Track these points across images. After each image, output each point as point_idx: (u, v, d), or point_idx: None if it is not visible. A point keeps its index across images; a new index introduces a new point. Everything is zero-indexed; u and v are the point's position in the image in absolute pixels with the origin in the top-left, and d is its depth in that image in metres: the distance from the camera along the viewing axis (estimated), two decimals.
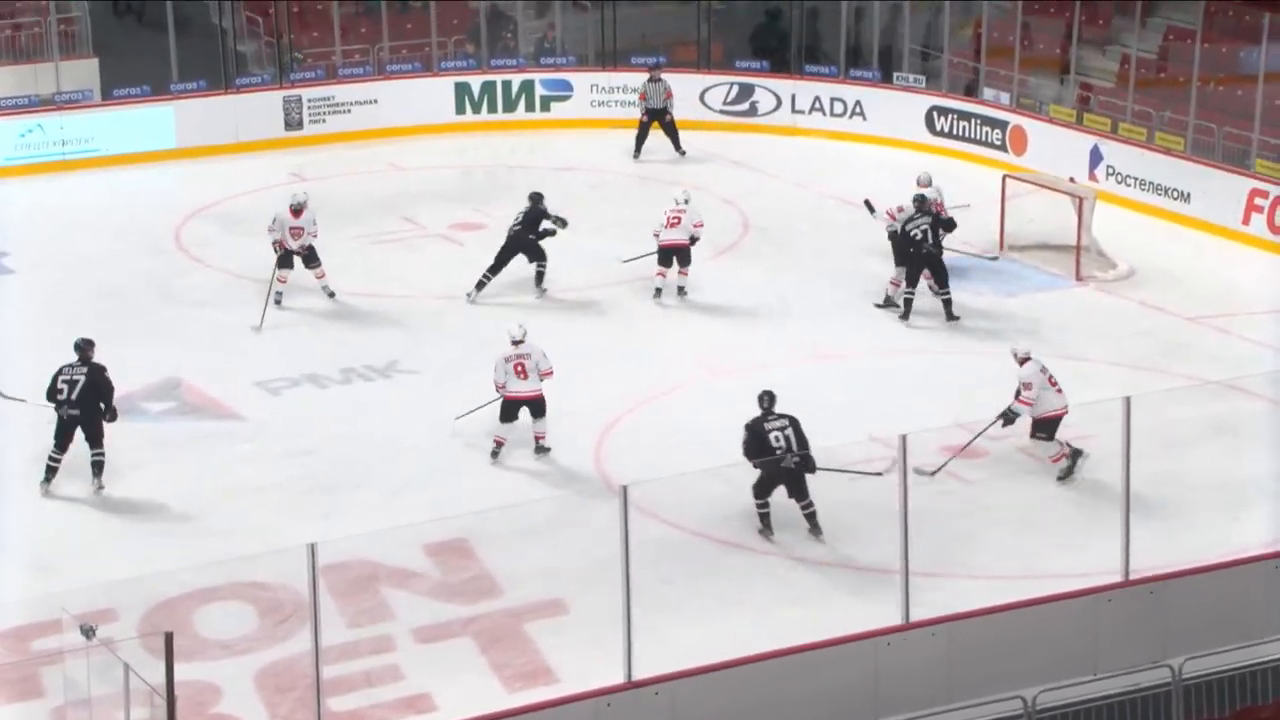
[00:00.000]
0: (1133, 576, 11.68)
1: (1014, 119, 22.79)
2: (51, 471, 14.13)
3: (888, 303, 18.26)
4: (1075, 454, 14.32)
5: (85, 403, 14.02)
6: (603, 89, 24.63)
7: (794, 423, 13.44)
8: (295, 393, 16.32)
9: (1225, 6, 22.61)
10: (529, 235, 18.48)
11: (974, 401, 15.32)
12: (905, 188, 19.01)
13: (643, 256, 18.53)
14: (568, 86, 24.84)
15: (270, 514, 13.88)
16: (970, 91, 23.71)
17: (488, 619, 12.32)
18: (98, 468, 14.12)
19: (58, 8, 23.79)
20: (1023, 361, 14.53)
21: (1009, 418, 14.36)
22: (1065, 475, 14.31)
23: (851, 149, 23.63)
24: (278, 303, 17.99)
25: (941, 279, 17.86)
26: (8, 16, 24.36)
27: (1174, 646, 11.37)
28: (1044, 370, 14.47)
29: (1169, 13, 23.43)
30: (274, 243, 18.19)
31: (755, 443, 13.39)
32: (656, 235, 18.55)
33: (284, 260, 18.07)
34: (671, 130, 23.35)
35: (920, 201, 18.15)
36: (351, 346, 17.25)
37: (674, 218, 18.60)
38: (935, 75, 24.00)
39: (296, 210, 18.15)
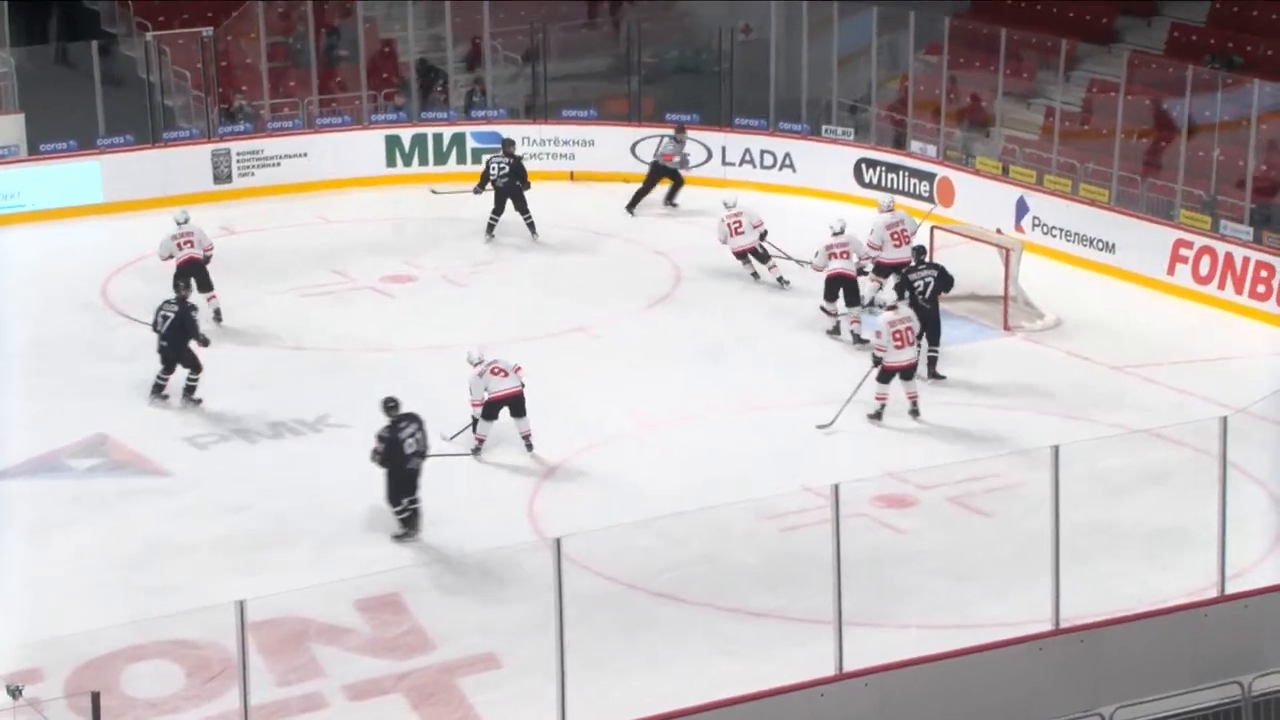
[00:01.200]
0: (1064, 625, 11.73)
1: (941, 171, 23.05)
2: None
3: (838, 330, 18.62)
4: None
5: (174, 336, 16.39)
6: (534, 141, 24.69)
7: (418, 422, 14.46)
8: (224, 448, 16.17)
9: (1148, 59, 23.01)
10: (517, 184, 21.44)
11: (905, 450, 15.37)
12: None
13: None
14: (499, 139, 24.90)
15: (199, 571, 13.71)
16: (898, 144, 23.96)
17: (420, 674, 12.21)
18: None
19: None
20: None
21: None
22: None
23: (782, 200, 23.79)
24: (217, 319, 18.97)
25: (935, 335, 17.77)
26: None
27: (1106, 694, 11.42)
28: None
29: (1092, 66, 23.81)
30: (173, 259, 18.95)
31: (389, 450, 14.20)
32: (724, 242, 19.71)
33: (187, 279, 18.34)
34: (679, 185, 23.63)
35: (920, 252, 18.23)
36: (281, 401, 17.12)
37: (735, 223, 19.59)
38: (864, 128, 24.24)
39: (181, 221, 19.12)
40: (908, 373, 16.66)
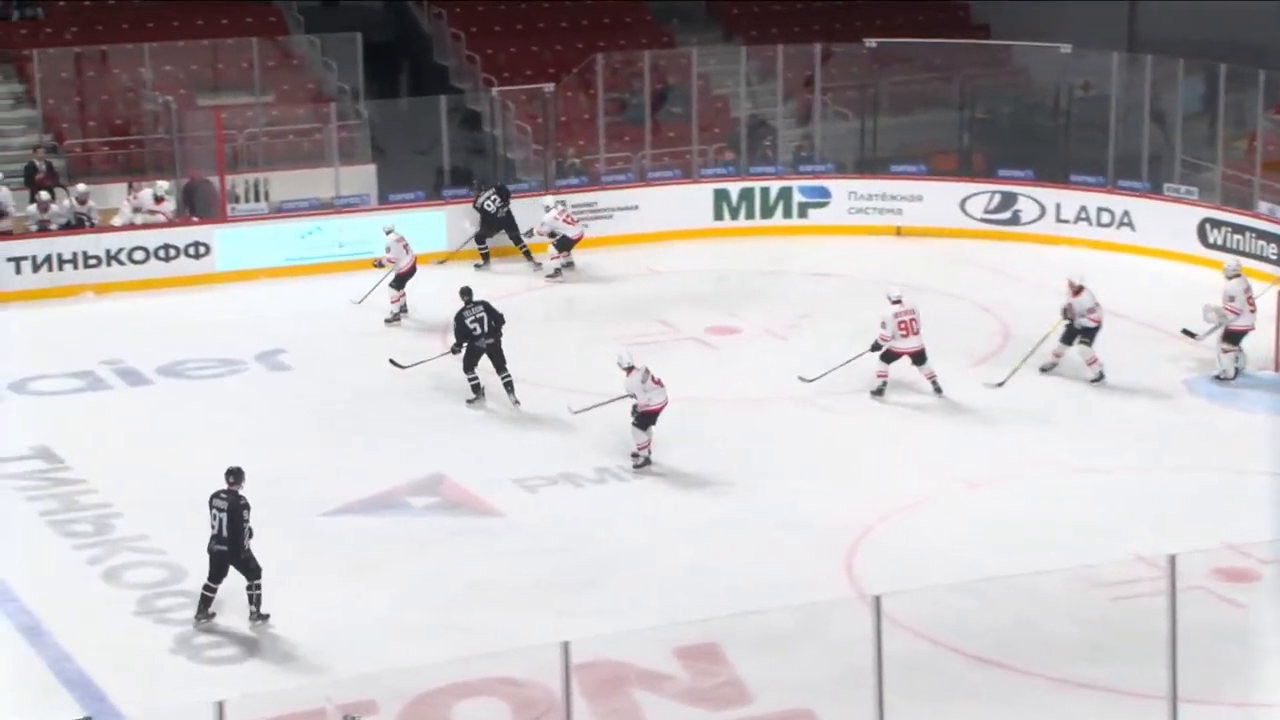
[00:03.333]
0: None
1: None
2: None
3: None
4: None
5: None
6: (861, 196, 24.64)
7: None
8: (552, 491, 16.57)
9: None
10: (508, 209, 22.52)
11: (1238, 524, 14.70)
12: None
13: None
14: (826, 193, 24.95)
15: (519, 611, 14.04)
16: (1244, 204, 23.01)
17: None
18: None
19: (338, 114, 24.89)
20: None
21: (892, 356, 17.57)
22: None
23: (1120, 260, 23.12)
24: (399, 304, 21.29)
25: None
26: (291, 123, 25.60)
27: None
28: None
29: None
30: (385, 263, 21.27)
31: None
32: (885, 340, 18.52)
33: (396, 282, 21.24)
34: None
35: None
36: (608, 447, 17.45)
37: (907, 322, 18.52)
38: (1208, 188, 23.38)
39: (388, 230, 21.35)
40: (919, 358, 18.33)
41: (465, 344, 18.52)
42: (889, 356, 18.43)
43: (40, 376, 19.43)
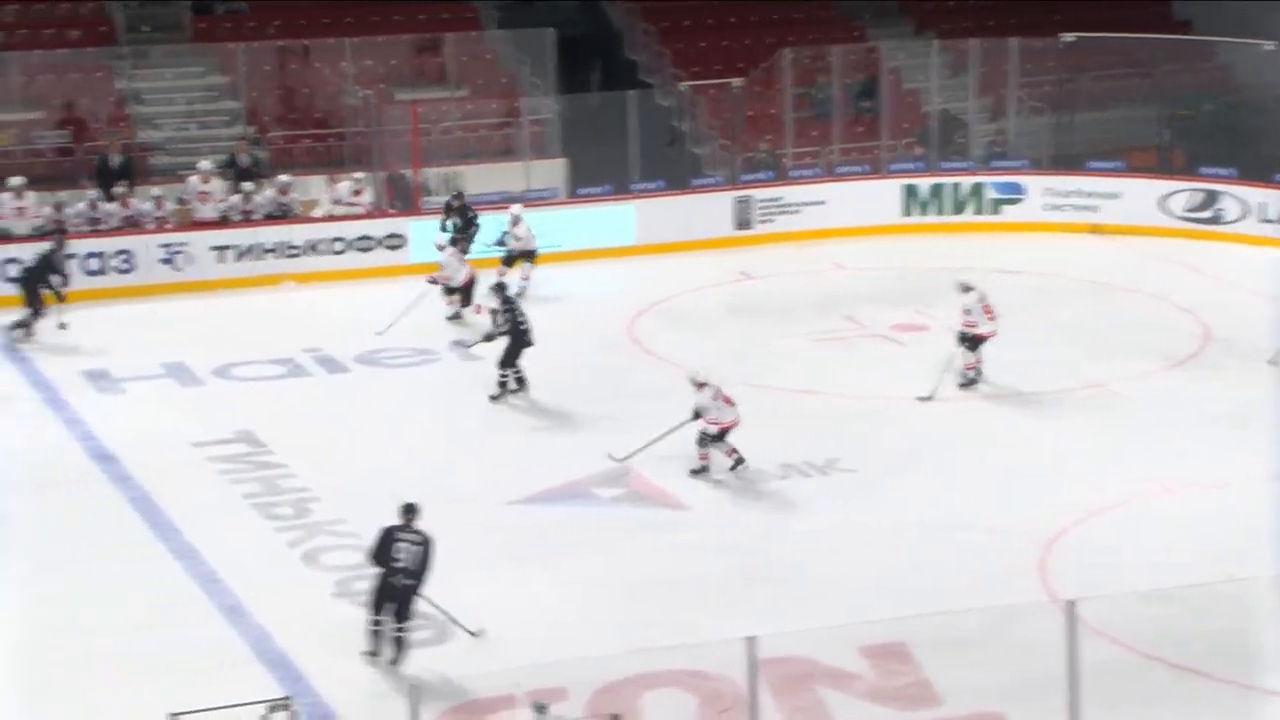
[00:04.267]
0: None
1: None
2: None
3: None
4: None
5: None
6: (1056, 193, 24.22)
7: (426, 542, 13.03)
8: (736, 486, 16.59)
9: None
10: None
11: None
12: None
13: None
14: (1019, 190, 24.57)
15: (707, 606, 14.07)
16: None
17: None
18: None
19: (529, 109, 25.20)
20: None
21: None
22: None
23: None
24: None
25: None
26: (484, 118, 25.99)
27: None
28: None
29: None
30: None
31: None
32: (972, 326, 18.49)
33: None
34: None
35: None
36: (790, 443, 17.42)
37: (990, 306, 18.49)
38: None
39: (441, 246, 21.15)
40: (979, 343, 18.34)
41: (512, 338, 18.42)
42: (975, 343, 18.36)
43: (243, 363, 20.01)
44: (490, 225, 22.78)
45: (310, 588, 14.55)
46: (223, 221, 23.36)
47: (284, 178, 23.86)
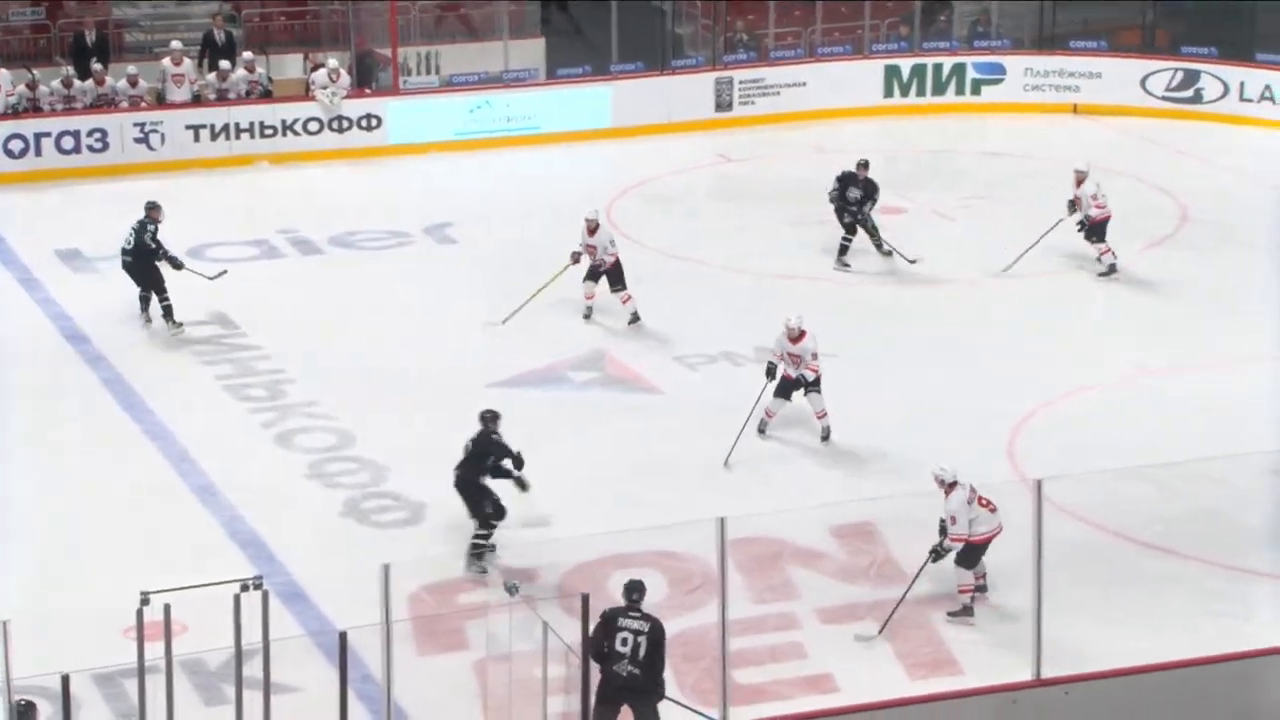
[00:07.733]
0: None
1: None
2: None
3: None
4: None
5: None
6: (1037, 73, 23.99)
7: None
8: (711, 369, 16.57)
9: None
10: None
11: None
12: None
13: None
14: (1000, 70, 24.32)
15: (679, 487, 14.11)
16: None
17: (892, 606, 12.19)
18: None
19: None
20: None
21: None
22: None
23: None
24: (587, 316, 17.57)
25: None
26: None
27: None
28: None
29: None
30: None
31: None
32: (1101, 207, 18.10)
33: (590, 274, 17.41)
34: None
35: None
36: (768, 327, 17.33)
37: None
38: None
39: (592, 228, 17.37)
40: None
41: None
42: (1103, 227, 18.14)
43: (217, 244, 19.85)
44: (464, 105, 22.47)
45: (284, 469, 14.56)
46: (196, 101, 23.06)
47: (248, 54, 23.49)
